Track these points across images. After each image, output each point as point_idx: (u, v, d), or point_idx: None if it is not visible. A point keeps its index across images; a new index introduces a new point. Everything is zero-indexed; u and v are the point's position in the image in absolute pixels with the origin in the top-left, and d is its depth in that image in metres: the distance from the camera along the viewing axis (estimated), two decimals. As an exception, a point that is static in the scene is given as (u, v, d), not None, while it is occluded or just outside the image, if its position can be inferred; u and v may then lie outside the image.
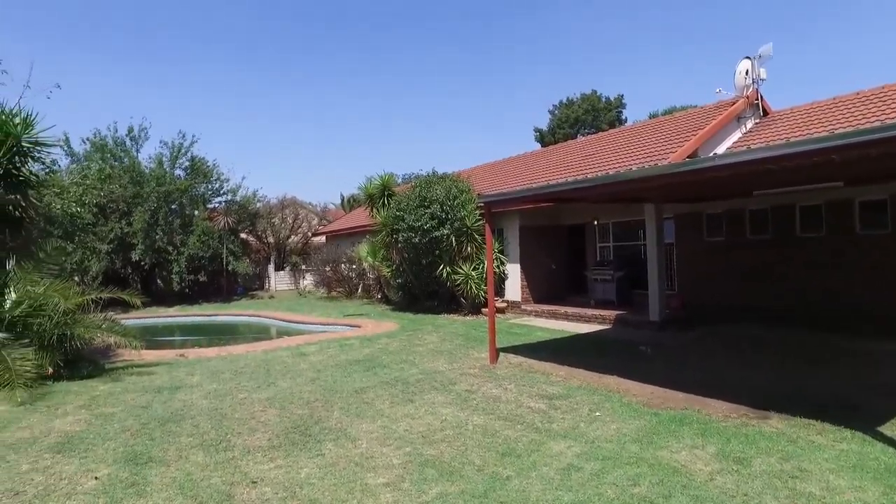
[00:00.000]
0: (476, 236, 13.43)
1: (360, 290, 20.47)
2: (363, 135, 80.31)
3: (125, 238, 19.74)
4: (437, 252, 13.62)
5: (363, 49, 73.98)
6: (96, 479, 4.13)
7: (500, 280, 14.55)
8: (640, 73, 72.45)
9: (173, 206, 21.30)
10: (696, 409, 5.40)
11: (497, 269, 14.22)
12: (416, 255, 14.05)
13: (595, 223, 14.48)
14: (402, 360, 8.43)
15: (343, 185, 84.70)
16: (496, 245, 14.15)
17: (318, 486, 3.89)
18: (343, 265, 20.80)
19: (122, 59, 54.67)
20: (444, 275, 13.54)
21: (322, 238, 27.04)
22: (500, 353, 8.48)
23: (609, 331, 10.79)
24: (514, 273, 14.51)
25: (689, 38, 69.64)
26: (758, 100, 12.93)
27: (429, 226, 13.29)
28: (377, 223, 15.53)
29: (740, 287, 11.05)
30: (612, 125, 36.92)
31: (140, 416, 5.81)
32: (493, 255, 8.75)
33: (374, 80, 76.69)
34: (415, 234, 13.50)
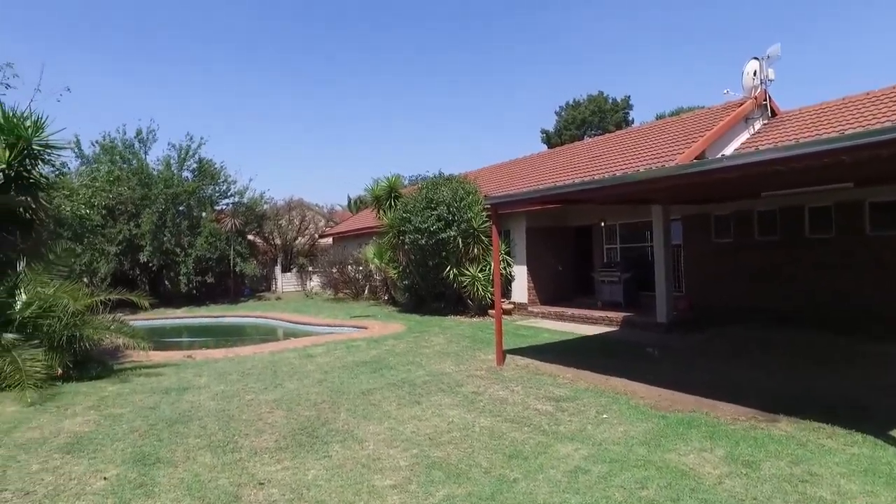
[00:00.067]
0: (483, 238, 13.41)
1: (366, 292, 20.49)
2: (363, 135, 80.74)
3: (133, 240, 19.91)
4: (444, 254, 13.61)
5: (363, 49, 74.28)
6: (105, 479, 4.16)
7: (507, 282, 14.52)
8: (642, 74, 72.43)
9: (181, 208, 21.44)
10: (705, 412, 5.36)
11: (504, 271, 14.18)
12: (423, 257, 14.04)
13: (602, 224, 14.44)
14: (408, 362, 8.43)
15: (344, 184, 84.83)
16: (503, 247, 14.14)
17: (325, 488, 3.89)
18: (350, 267, 20.84)
19: (123, 59, 54.79)
20: (451, 276, 13.54)
21: (329, 240, 27.08)
22: (507, 355, 8.46)
23: (616, 332, 10.74)
24: (520, 275, 14.48)
25: (689, 38, 69.53)
26: (766, 100, 12.84)
27: (435, 227, 13.29)
28: (384, 225, 15.56)
29: (748, 288, 10.98)
30: (618, 126, 36.82)
31: (148, 416, 5.85)
32: (499, 256, 8.73)
33: (374, 80, 77.00)
34: (421, 236, 13.50)
